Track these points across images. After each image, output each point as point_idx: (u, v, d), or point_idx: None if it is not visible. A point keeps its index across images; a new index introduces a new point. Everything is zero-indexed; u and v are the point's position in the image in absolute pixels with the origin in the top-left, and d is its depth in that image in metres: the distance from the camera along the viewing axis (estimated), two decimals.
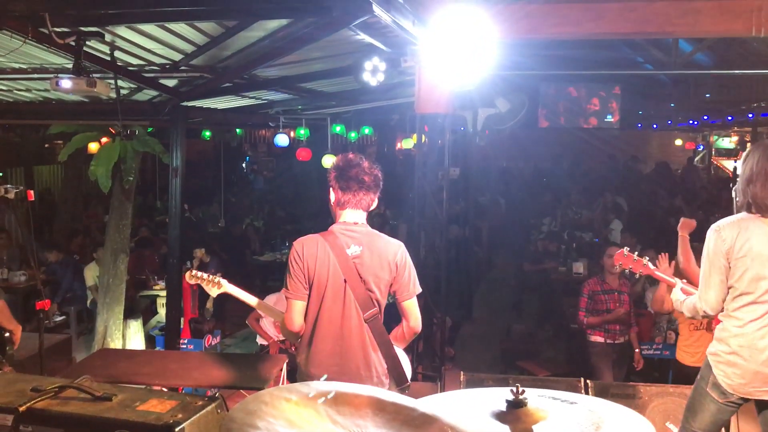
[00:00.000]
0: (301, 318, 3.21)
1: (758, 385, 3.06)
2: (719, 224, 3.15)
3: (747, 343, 3.05)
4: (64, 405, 1.93)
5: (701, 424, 3.25)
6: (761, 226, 3.05)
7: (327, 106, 9.17)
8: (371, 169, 3.24)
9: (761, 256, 3.02)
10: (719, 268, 3.11)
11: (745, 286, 3.06)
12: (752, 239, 3.03)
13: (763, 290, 3.03)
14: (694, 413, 3.27)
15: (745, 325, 3.06)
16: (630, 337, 6.00)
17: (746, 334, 3.06)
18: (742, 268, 3.05)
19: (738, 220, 3.11)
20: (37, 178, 15.86)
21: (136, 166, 7.43)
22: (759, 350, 3.03)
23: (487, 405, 1.67)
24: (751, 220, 3.09)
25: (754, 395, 3.10)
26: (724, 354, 3.12)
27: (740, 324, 3.08)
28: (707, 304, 3.17)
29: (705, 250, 3.18)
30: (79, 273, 9.20)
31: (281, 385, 3.45)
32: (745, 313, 3.07)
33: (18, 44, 4.03)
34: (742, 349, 3.06)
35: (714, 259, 3.12)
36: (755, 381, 3.05)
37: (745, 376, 3.06)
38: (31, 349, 4.96)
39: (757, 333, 3.04)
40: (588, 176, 17.91)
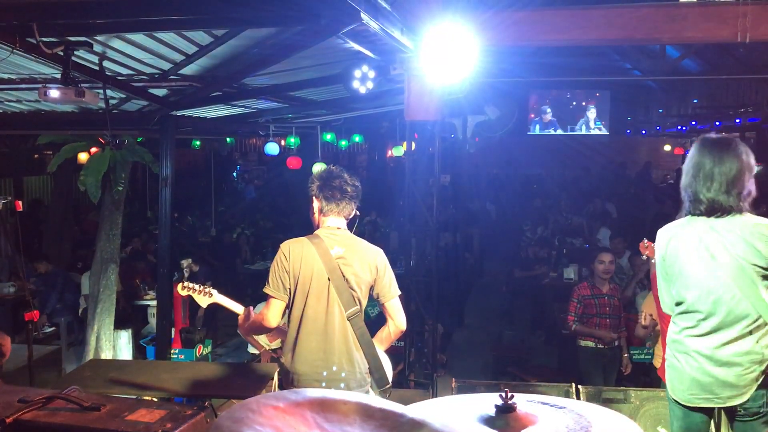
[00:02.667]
0: (278, 317, 3.35)
1: (696, 392, 2.96)
2: (661, 229, 3.11)
3: (683, 349, 2.99)
4: (52, 416, 1.92)
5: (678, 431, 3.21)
6: (689, 231, 2.94)
7: (317, 114, 9.18)
8: (352, 180, 3.48)
9: (688, 263, 2.92)
10: (660, 274, 3.10)
11: (678, 293, 3.00)
12: (680, 247, 2.95)
13: (689, 300, 2.94)
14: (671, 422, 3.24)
15: (681, 332, 3.01)
16: (620, 342, 6.02)
17: (682, 341, 3.00)
18: (674, 275, 2.99)
19: (673, 225, 3.04)
20: (26, 189, 15.78)
21: (125, 176, 7.41)
22: (693, 358, 2.94)
23: (477, 410, 1.67)
24: (682, 224, 3.00)
25: (694, 402, 2.99)
26: (669, 359, 3.09)
27: (677, 330, 3.03)
28: (663, 305, 3.19)
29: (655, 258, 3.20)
30: (69, 283, 9.15)
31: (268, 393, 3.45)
32: (682, 320, 3.01)
33: (5, 54, 4.01)
34: (680, 355, 3.00)
35: (656, 264, 3.13)
36: (693, 388, 2.96)
37: (683, 381, 2.99)
38: (20, 361, 4.93)
39: (691, 341, 2.96)
40: (577, 183, 18.00)
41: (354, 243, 3.42)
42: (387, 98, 7.37)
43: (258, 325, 3.45)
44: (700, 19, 5.20)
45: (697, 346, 2.94)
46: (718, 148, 2.94)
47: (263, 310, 3.37)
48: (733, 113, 13.34)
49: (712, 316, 2.89)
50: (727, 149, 2.93)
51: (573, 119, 16.43)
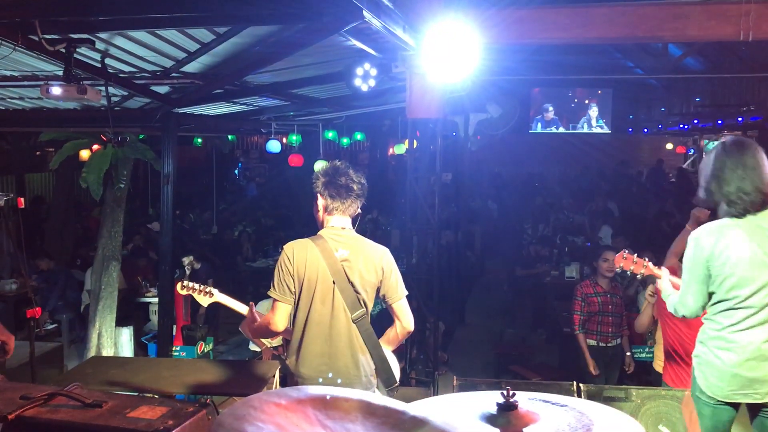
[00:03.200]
0: (285, 321, 3.29)
1: (736, 388, 3.03)
2: (699, 231, 3.14)
3: (726, 346, 3.05)
4: (54, 412, 1.92)
5: (705, 429, 3.23)
6: (739, 232, 3.02)
7: (319, 111, 9.17)
8: (358, 177, 3.38)
9: (739, 262, 2.99)
10: (698, 276, 3.11)
11: (723, 292, 3.05)
12: (731, 246, 3.01)
13: (741, 297, 3.01)
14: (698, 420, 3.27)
15: (723, 329, 3.06)
16: (621, 341, 6.02)
17: (724, 337, 3.06)
18: (721, 276, 3.04)
19: (717, 227, 3.09)
20: (28, 186, 15.80)
21: (127, 173, 7.41)
22: (736, 353, 3.02)
23: (478, 408, 1.67)
24: (727, 227, 3.06)
25: (733, 398, 3.06)
26: (703, 356, 3.13)
27: (719, 328, 3.08)
28: (685, 308, 3.20)
29: (685, 257, 3.19)
30: (70, 281, 9.17)
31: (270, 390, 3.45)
32: (724, 317, 3.06)
33: (7, 51, 4.01)
34: (721, 351, 3.05)
35: (693, 267, 3.12)
36: (733, 384, 3.03)
37: (723, 378, 3.05)
38: (22, 358, 4.94)
39: (735, 336, 3.03)
40: (579, 181, 17.99)
41: (359, 244, 3.34)
42: (389, 96, 7.36)
43: (265, 328, 3.39)
44: (703, 18, 5.19)
45: (742, 340, 3.01)
46: (744, 149, 3.06)
47: (269, 315, 3.32)
48: (735, 111, 13.30)
49: (761, 311, 2.99)
50: (751, 149, 3.06)
51: (575, 117, 16.43)
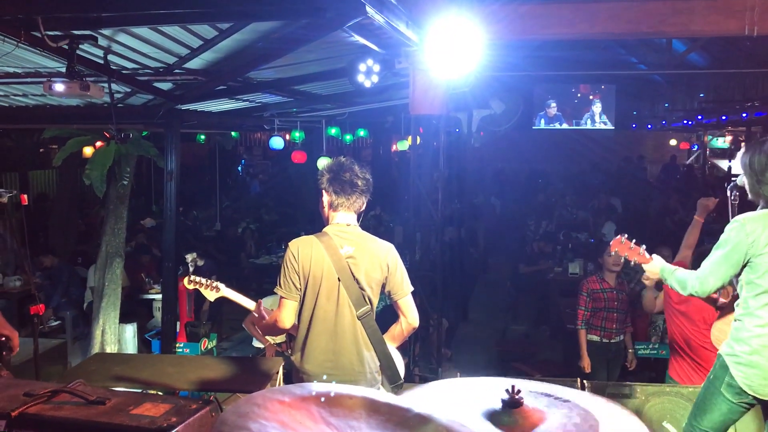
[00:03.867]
0: (292, 317, 3.29)
1: None
2: (744, 217, 3.05)
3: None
4: (57, 410, 1.92)
5: (710, 424, 3.19)
6: None
7: (322, 108, 9.16)
8: (363, 173, 3.36)
9: None
10: (732, 260, 3.02)
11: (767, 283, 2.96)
12: None
13: None
14: (704, 412, 3.20)
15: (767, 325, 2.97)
16: (624, 337, 6.01)
17: None
18: (765, 265, 2.96)
19: (763, 215, 3.01)
20: (32, 183, 15.84)
21: (130, 169, 7.42)
22: None
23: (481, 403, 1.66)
24: None
25: None
26: (744, 354, 3.02)
27: (763, 323, 2.98)
28: (702, 287, 3.10)
29: (725, 239, 3.07)
30: (74, 277, 9.18)
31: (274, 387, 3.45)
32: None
33: (10, 48, 4.01)
34: (765, 349, 2.96)
35: (731, 252, 3.02)
36: None
37: (767, 377, 2.97)
38: (26, 354, 4.94)
39: None
40: (582, 177, 17.96)
41: (364, 241, 3.33)
42: (392, 92, 7.35)
43: (272, 326, 3.39)
44: (707, 12, 5.17)
45: None
46: None
47: (276, 312, 3.32)
48: (739, 107, 13.28)
49: None
50: None
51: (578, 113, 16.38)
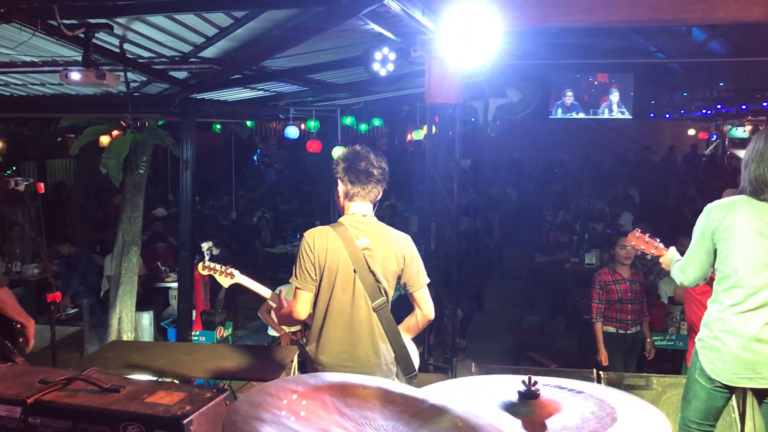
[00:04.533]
0: (307, 308, 3.28)
1: (739, 371, 3.02)
2: (711, 205, 3.19)
3: (727, 327, 3.04)
4: (72, 397, 1.93)
5: (695, 413, 3.25)
6: (749, 210, 3.03)
7: (337, 97, 9.13)
8: (379, 162, 3.32)
9: (744, 239, 3.00)
10: (704, 248, 3.14)
11: (728, 269, 3.06)
12: (737, 221, 3.02)
13: (744, 273, 3.00)
14: (688, 402, 3.29)
15: (726, 310, 3.06)
16: (642, 327, 5.96)
17: (727, 318, 3.05)
18: (725, 251, 3.05)
19: (729, 202, 3.12)
20: (49, 172, 15.96)
21: (147, 158, 7.44)
22: (738, 336, 3.00)
23: (498, 395, 1.64)
24: (741, 202, 3.08)
25: (736, 383, 3.06)
26: (707, 339, 3.13)
27: (721, 309, 3.08)
28: (684, 276, 3.26)
29: (695, 228, 3.23)
30: (91, 266, 9.25)
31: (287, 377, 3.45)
32: (727, 297, 3.07)
33: (27, 36, 4.02)
34: (723, 334, 3.05)
35: (700, 238, 3.16)
36: (736, 367, 3.02)
37: (726, 361, 3.04)
38: (43, 342, 4.99)
39: (737, 318, 3.02)
40: (600, 167, 17.82)
41: (380, 232, 3.29)
42: (407, 81, 7.30)
43: (287, 316, 3.38)
44: None
45: (744, 322, 3.00)
46: None
47: (291, 303, 3.31)
48: (760, 96, 13.10)
49: (762, 291, 2.98)
50: None
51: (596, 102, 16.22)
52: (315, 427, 1.16)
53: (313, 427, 1.16)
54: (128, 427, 1.81)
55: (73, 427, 1.87)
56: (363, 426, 1.23)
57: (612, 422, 1.58)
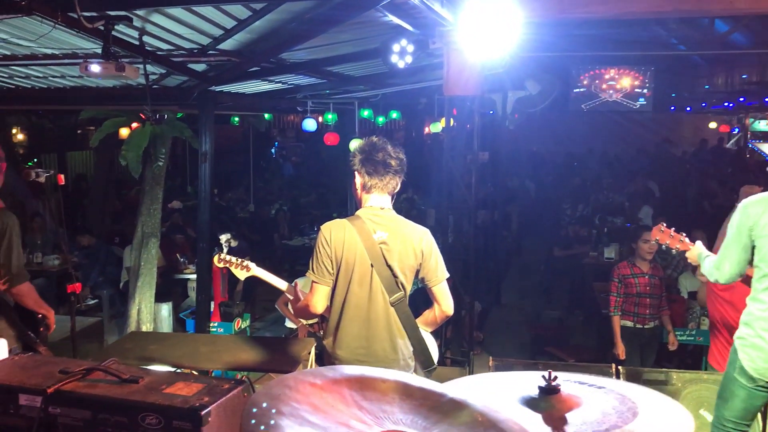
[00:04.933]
0: (324, 302, 3.24)
1: None
2: (747, 200, 3.14)
3: None
4: (91, 387, 1.94)
5: (733, 412, 3.19)
6: None
7: (354, 90, 9.13)
8: (396, 153, 3.25)
9: None
10: (741, 244, 3.09)
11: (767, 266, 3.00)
12: None
13: None
14: (725, 400, 3.23)
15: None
16: (662, 321, 5.91)
17: None
18: (765, 248, 3.00)
19: (763, 198, 3.07)
20: (70, 164, 16.12)
21: (166, 150, 7.48)
22: None
23: (517, 390, 1.63)
24: None
25: None
26: (749, 338, 3.08)
27: (764, 308, 3.03)
28: (719, 273, 3.19)
29: (730, 223, 3.18)
30: (111, 257, 9.33)
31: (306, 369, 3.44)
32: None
33: (48, 29, 4.04)
34: (766, 332, 3.00)
35: (737, 234, 3.10)
36: None
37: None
38: (64, 332, 5.05)
39: None
40: (620, 160, 17.67)
41: (398, 225, 3.24)
42: (425, 73, 7.28)
43: (304, 309, 3.34)
44: None
45: None
46: None
47: (308, 296, 3.28)
48: None
49: None
50: None
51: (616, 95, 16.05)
52: (333, 421, 1.16)
53: (331, 420, 1.15)
54: (147, 417, 1.82)
55: (92, 417, 1.88)
56: (382, 419, 1.22)
57: (633, 417, 1.56)
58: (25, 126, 14.19)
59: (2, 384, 1.98)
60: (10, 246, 3.62)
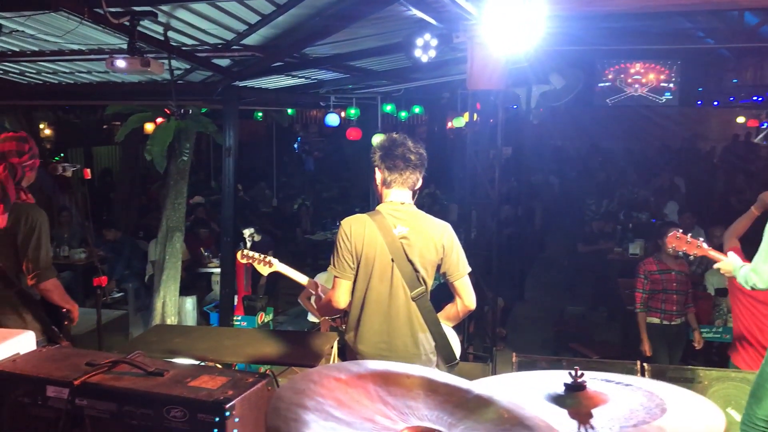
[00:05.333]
0: (347, 297, 3.25)
1: None
2: None
3: None
4: (117, 380, 1.96)
5: (767, 411, 3.13)
6: None
7: (377, 85, 9.11)
8: (416, 148, 3.26)
9: None
10: None
11: None
12: None
13: None
14: (759, 399, 3.17)
15: None
16: (687, 318, 5.84)
17: None
18: None
19: None
20: (96, 159, 16.31)
21: (190, 146, 7.54)
22: None
23: (543, 388, 1.61)
24: None
25: None
26: None
27: None
28: (757, 278, 3.11)
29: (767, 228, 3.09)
30: (136, 251, 9.43)
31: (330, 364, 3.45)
32: None
33: (74, 25, 4.08)
34: None
35: None
36: None
37: None
38: (90, 325, 5.11)
39: None
40: (645, 155, 17.47)
41: (418, 220, 3.24)
42: (448, 68, 7.24)
43: (327, 305, 3.37)
44: None
45: None
46: None
47: (331, 292, 3.30)
48: None
49: None
50: None
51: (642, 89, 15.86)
52: (358, 416, 1.15)
53: (356, 415, 1.15)
54: (172, 410, 1.83)
55: (118, 410, 1.90)
56: (406, 415, 1.22)
57: (661, 413, 1.54)
58: (52, 121, 14.38)
59: (31, 375, 2.01)
60: (39, 242, 3.67)
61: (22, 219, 3.64)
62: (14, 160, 3.71)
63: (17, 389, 1.99)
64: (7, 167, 3.67)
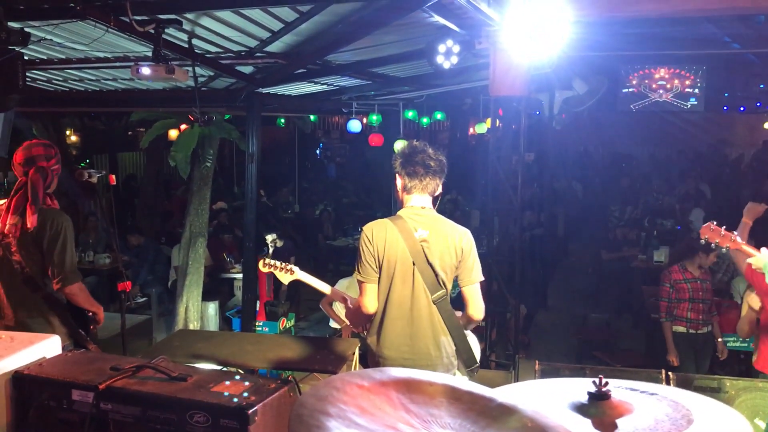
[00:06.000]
0: (375, 301, 3.28)
1: None
2: None
3: None
4: (141, 384, 1.97)
5: None
6: None
7: (399, 91, 9.13)
8: (436, 155, 3.31)
9: None
10: None
11: None
12: None
13: None
14: None
15: None
16: (712, 327, 5.76)
17: None
18: None
19: None
20: (121, 165, 16.49)
21: (213, 152, 7.60)
22: None
23: (566, 396, 1.60)
24: None
25: None
26: None
27: None
28: None
29: None
30: (159, 256, 9.51)
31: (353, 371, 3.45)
32: None
33: (100, 33, 4.14)
34: None
35: None
36: None
37: None
38: (114, 329, 5.16)
39: None
40: (670, 161, 17.29)
41: (439, 224, 3.28)
42: (470, 74, 7.23)
43: (358, 313, 3.39)
44: None
45: None
46: None
47: (359, 299, 3.32)
48: None
49: None
50: None
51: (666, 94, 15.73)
52: (381, 423, 1.15)
53: (379, 422, 1.15)
54: (195, 415, 1.85)
55: (142, 414, 1.92)
56: (429, 423, 1.21)
57: (688, 424, 1.52)
58: (78, 128, 14.57)
59: (57, 379, 2.04)
60: (64, 246, 3.71)
61: (48, 224, 3.69)
62: (43, 164, 3.77)
63: (43, 393, 2.02)
64: (37, 170, 3.73)
